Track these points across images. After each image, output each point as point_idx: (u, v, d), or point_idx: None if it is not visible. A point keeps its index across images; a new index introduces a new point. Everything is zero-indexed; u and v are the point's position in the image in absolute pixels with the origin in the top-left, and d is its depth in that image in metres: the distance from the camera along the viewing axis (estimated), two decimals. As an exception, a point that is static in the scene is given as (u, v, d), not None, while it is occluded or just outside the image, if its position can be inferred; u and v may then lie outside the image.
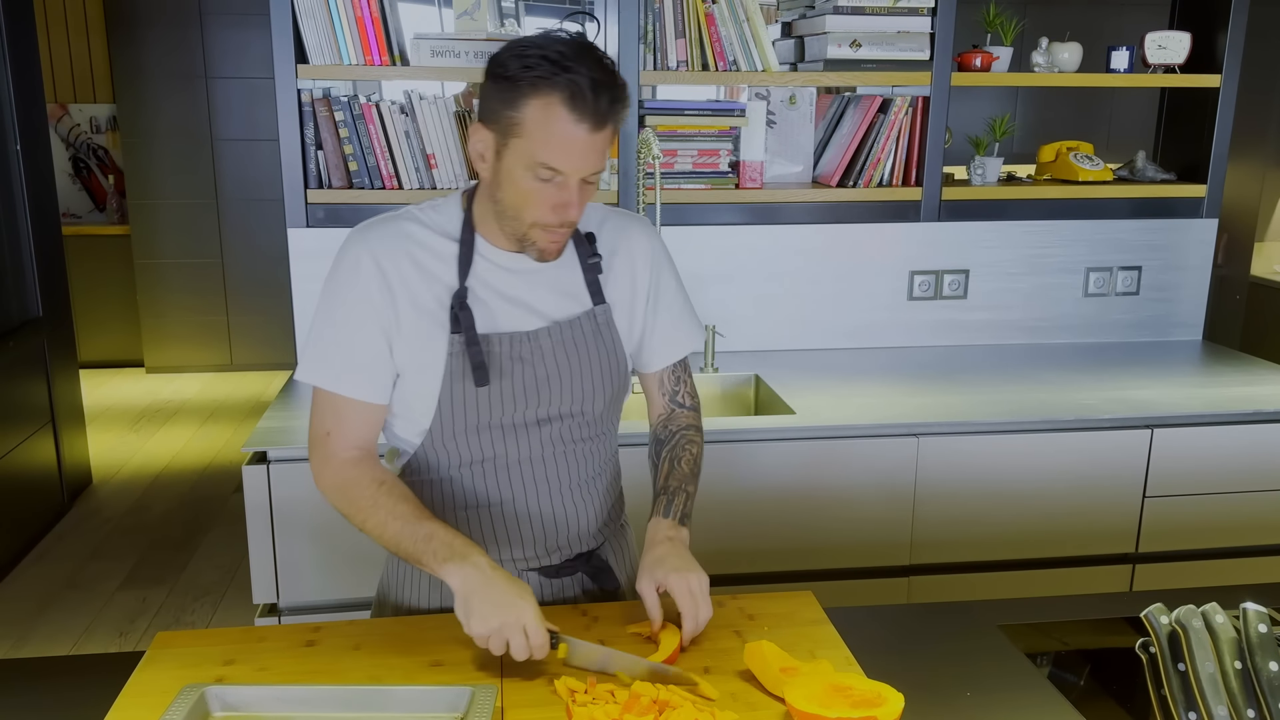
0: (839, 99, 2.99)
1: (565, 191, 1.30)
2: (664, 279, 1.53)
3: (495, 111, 1.28)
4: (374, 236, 1.39)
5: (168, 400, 5.66)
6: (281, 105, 2.59)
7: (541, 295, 1.42)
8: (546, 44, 1.25)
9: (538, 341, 1.40)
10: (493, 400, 1.39)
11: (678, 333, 1.55)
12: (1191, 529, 2.47)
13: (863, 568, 2.38)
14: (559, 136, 1.25)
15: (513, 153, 1.28)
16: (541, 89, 1.24)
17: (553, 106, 1.24)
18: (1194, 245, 3.04)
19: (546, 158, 1.27)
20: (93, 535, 3.98)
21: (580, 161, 1.28)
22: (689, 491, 1.47)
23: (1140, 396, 2.51)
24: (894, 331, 2.96)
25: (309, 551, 2.21)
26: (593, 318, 1.44)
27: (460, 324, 1.36)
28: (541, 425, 1.43)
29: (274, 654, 1.34)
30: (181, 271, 5.99)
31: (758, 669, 1.25)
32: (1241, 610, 0.91)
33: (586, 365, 1.44)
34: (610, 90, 1.26)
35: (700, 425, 1.59)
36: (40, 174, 4.05)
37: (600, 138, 1.28)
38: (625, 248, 1.49)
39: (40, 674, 1.42)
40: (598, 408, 1.47)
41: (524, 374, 1.40)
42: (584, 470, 1.49)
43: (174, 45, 5.68)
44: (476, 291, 1.39)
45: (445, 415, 1.39)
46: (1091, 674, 1.38)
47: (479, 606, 1.23)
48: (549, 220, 1.31)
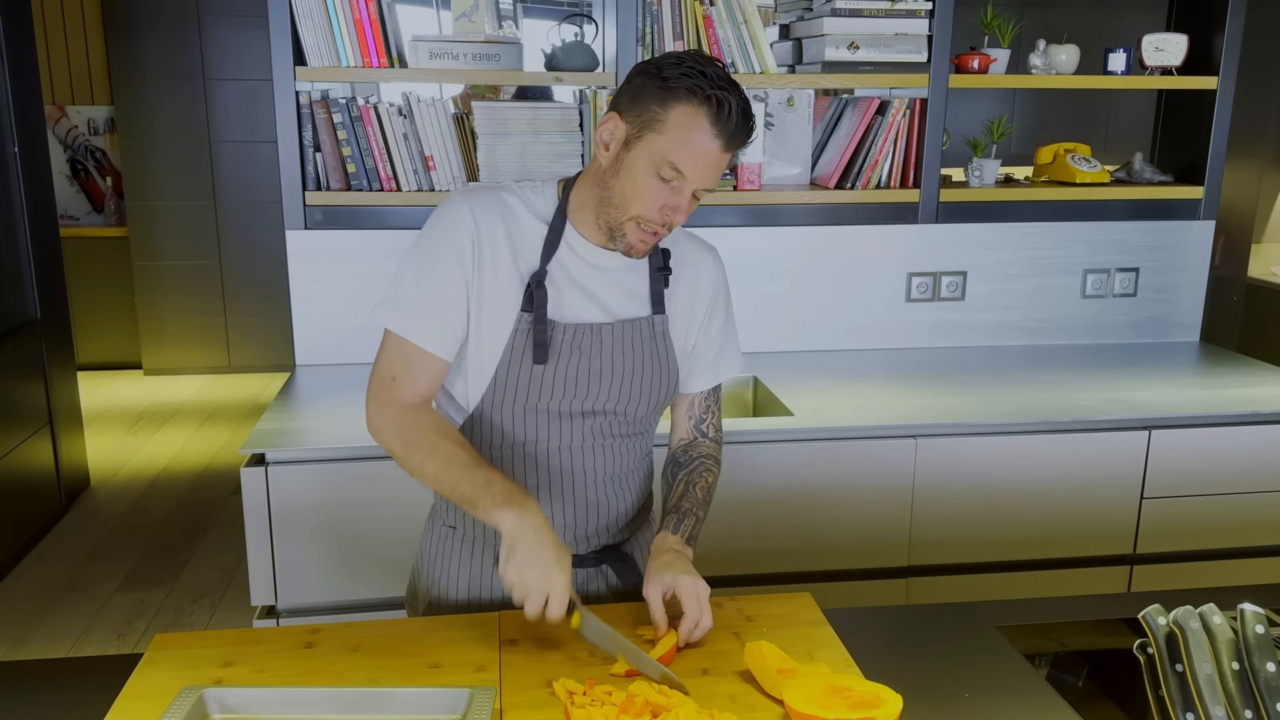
0: (837, 101, 2.99)
1: (678, 196, 1.36)
2: (719, 308, 1.58)
3: (642, 105, 1.34)
4: (478, 199, 1.45)
5: (166, 402, 5.66)
6: (280, 107, 2.58)
7: (611, 292, 1.47)
8: (705, 64, 1.33)
9: (598, 335, 1.45)
10: (544, 383, 1.44)
11: (719, 361, 1.60)
12: (1189, 530, 2.47)
13: (861, 569, 2.39)
14: (695, 145, 1.32)
15: (645, 146, 1.34)
16: (695, 97, 1.31)
17: (698, 116, 1.32)
18: (1192, 246, 3.05)
19: (677, 159, 1.33)
20: (91, 537, 3.98)
21: (704, 173, 1.35)
22: (699, 516, 1.50)
23: (1138, 398, 2.52)
24: (892, 333, 2.96)
25: (307, 553, 2.21)
26: (651, 324, 1.49)
27: (533, 302, 1.41)
28: (585, 417, 1.48)
29: (272, 656, 1.34)
30: (180, 273, 5.98)
31: (756, 670, 1.26)
32: (1239, 611, 0.91)
33: (637, 368, 1.49)
34: (747, 120, 1.34)
35: (719, 458, 1.62)
36: (38, 176, 4.04)
37: (726, 158, 1.35)
38: (693, 270, 1.55)
39: (39, 676, 1.42)
40: (641, 410, 1.52)
41: (578, 364, 1.45)
42: (619, 465, 1.54)
43: (172, 47, 5.68)
44: (553, 276, 1.44)
45: (499, 389, 1.45)
46: (1090, 675, 1.38)
47: (519, 556, 1.27)
48: (652, 218, 1.37)
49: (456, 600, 1.56)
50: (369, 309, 2.64)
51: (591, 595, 1.58)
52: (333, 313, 2.71)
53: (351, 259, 2.69)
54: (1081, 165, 3.03)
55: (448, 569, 1.57)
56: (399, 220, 2.68)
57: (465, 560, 1.56)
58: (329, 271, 2.70)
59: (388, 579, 2.23)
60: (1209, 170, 3.01)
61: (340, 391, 2.52)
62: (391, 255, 2.68)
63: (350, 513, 2.21)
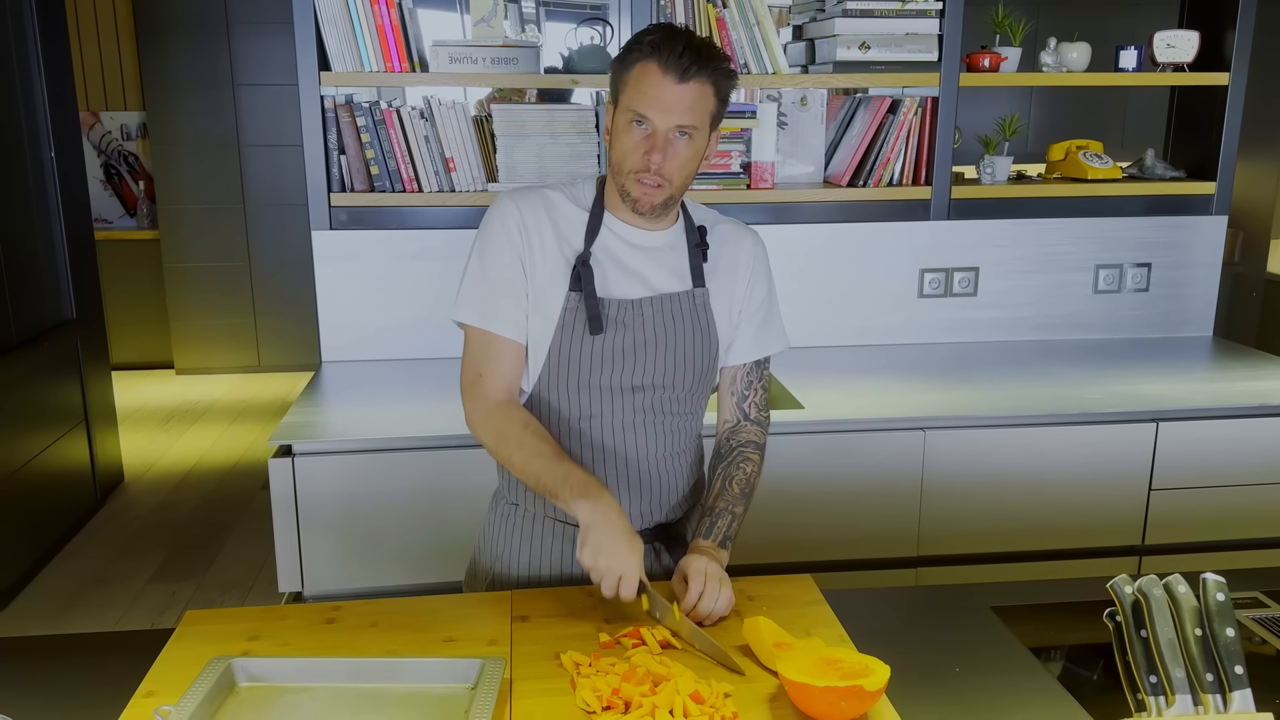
0: (850, 100, 3.04)
1: (654, 139, 1.47)
2: (759, 284, 1.67)
3: (613, 84, 1.51)
4: (522, 196, 1.59)
5: (197, 401, 5.78)
6: (305, 111, 2.67)
7: (653, 269, 1.58)
8: (660, 28, 1.48)
9: (640, 309, 1.56)
10: (593, 357, 1.55)
11: (761, 335, 1.67)
12: (1197, 522, 2.50)
13: (871, 559, 2.43)
14: (649, 86, 1.45)
15: (619, 110, 1.50)
16: (644, 55, 1.46)
17: (648, 66, 1.46)
18: (1204, 242, 3.07)
19: (637, 105, 1.46)
20: (124, 531, 4.09)
21: (666, 111, 1.45)
22: (735, 513, 1.56)
23: (1146, 391, 2.55)
24: (904, 329, 3.00)
25: (332, 542, 2.29)
26: (691, 297, 1.59)
27: (581, 281, 1.53)
28: (635, 392, 1.58)
29: (296, 631, 1.41)
30: (209, 275, 6.11)
31: (753, 643, 1.31)
32: (1201, 580, 0.96)
33: (679, 339, 1.58)
34: (694, 52, 1.44)
35: (762, 442, 1.68)
36: (73, 180, 4.16)
37: (684, 90, 1.45)
38: (732, 248, 1.65)
39: (77, 649, 1.50)
40: (686, 382, 1.61)
41: (624, 337, 1.55)
42: (672, 444, 1.63)
43: (202, 54, 5.81)
44: (597, 256, 1.56)
45: (552, 367, 1.56)
46: (1080, 652, 1.43)
47: (594, 541, 1.38)
48: (640, 165, 1.48)
49: (517, 576, 1.66)
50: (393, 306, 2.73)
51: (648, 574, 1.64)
52: (357, 310, 2.79)
53: (375, 258, 2.77)
54: (1093, 162, 3.06)
55: (510, 544, 1.67)
56: (421, 221, 2.76)
57: (526, 537, 1.65)
58: (353, 271, 2.78)
59: (411, 567, 2.31)
60: (1221, 166, 3.03)
61: (364, 386, 2.60)
62: (415, 255, 2.76)
63: (373, 503, 2.29)
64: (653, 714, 1.15)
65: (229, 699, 1.24)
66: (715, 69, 1.46)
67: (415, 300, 2.79)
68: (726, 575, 1.44)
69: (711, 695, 1.19)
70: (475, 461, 2.26)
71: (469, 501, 2.28)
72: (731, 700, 1.21)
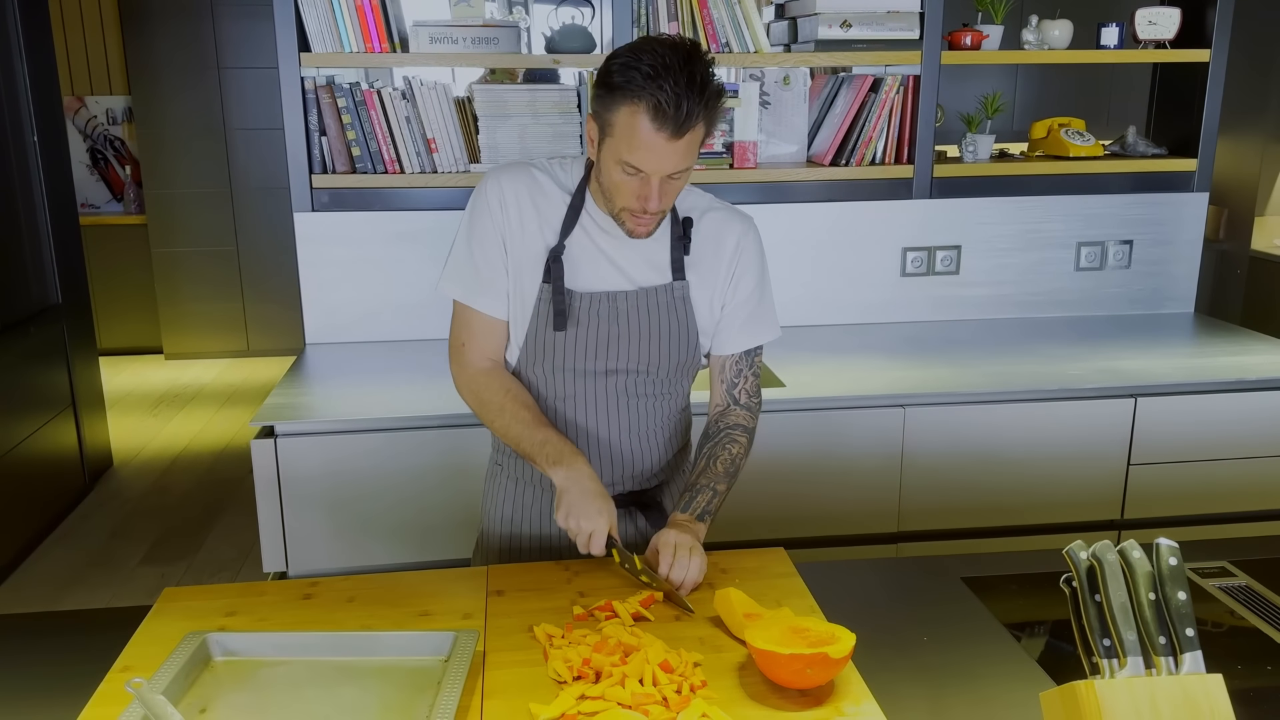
0: (833, 79, 3.04)
1: (647, 186, 1.44)
2: (746, 275, 1.64)
3: (597, 112, 1.45)
4: (508, 176, 1.58)
5: (186, 385, 5.78)
6: (285, 93, 2.66)
7: (634, 261, 1.58)
8: (642, 57, 1.37)
9: (615, 303, 1.56)
10: (567, 347, 1.57)
11: (750, 326, 1.65)
12: (1175, 495, 2.52)
13: (852, 535, 2.45)
14: (641, 142, 1.39)
15: (607, 148, 1.45)
16: (631, 98, 1.38)
17: (637, 115, 1.38)
18: (1186, 219, 3.08)
19: (630, 158, 1.42)
20: (114, 515, 4.10)
21: (659, 164, 1.42)
22: (717, 490, 1.58)
23: (1125, 367, 2.56)
24: (887, 308, 3.02)
25: (316, 521, 2.30)
26: (670, 291, 1.59)
27: (551, 274, 1.54)
28: (609, 375, 1.60)
29: (273, 606, 1.42)
30: (198, 260, 6.10)
31: (724, 614, 1.33)
32: (1155, 545, 0.97)
33: (656, 331, 1.59)
34: (692, 100, 1.37)
35: (751, 426, 1.68)
36: (57, 164, 4.15)
37: (680, 144, 1.40)
38: (717, 237, 1.62)
39: (57, 627, 1.52)
40: (664, 371, 1.62)
41: (598, 329, 1.57)
42: (648, 422, 1.65)
43: (187, 37, 5.78)
44: (576, 247, 1.56)
45: (528, 351, 1.59)
46: (1048, 621, 1.45)
47: (567, 503, 1.45)
48: (634, 207, 1.47)
49: (501, 532, 1.71)
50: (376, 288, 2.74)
51: (622, 536, 1.68)
52: (340, 292, 2.80)
53: (357, 240, 2.77)
54: (1075, 139, 3.07)
55: (496, 501, 1.72)
56: (403, 202, 2.76)
57: (509, 495, 1.71)
58: (336, 253, 2.78)
59: (394, 546, 2.32)
60: (1202, 143, 3.04)
61: (347, 368, 2.61)
62: (398, 236, 2.76)
63: (357, 483, 2.30)
64: (623, 683, 1.17)
65: (204, 673, 1.26)
66: (708, 105, 1.39)
67: (398, 281, 2.79)
68: (699, 545, 1.47)
69: (681, 664, 1.21)
70: (458, 441, 2.27)
71: (452, 480, 2.30)
72: (700, 670, 1.23)
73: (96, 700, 1.20)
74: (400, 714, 1.17)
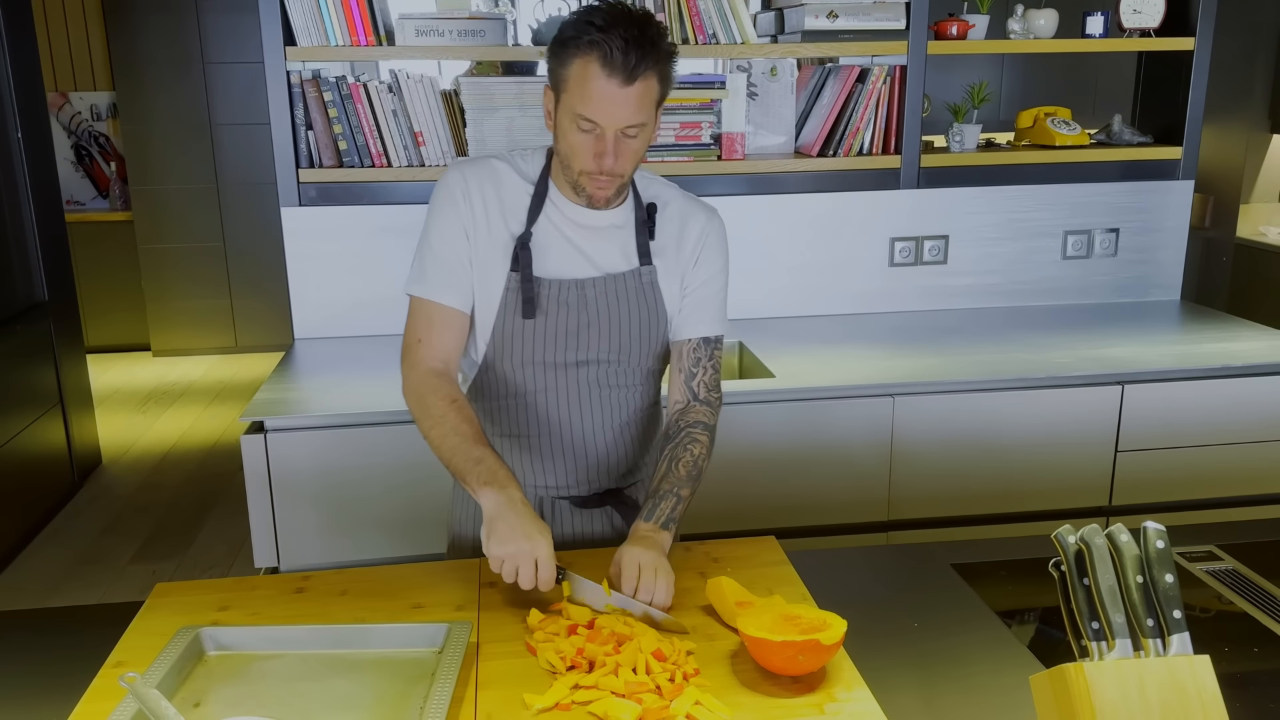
0: (820, 70, 3.04)
1: (603, 142, 1.43)
2: (708, 260, 1.62)
3: (552, 71, 1.45)
4: (470, 168, 1.57)
5: (174, 382, 5.76)
6: (271, 87, 2.65)
7: (600, 248, 1.56)
8: (595, 13, 1.39)
9: (583, 290, 1.55)
10: (537, 336, 1.55)
11: (706, 310, 1.63)
12: (1163, 482, 2.54)
13: (842, 524, 2.46)
14: (593, 91, 1.40)
15: (562, 107, 1.45)
16: (582, 49, 1.39)
17: (589, 64, 1.39)
18: (1171, 207, 3.10)
19: (583, 109, 1.41)
20: (104, 513, 4.09)
21: (612, 114, 1.41)
22: (680, 495, 1.51)
23: (1112, 354, 2.58)
24: (875, 298, 3.02)
25: (307, 517, 2.30)
26: (638, 276, 1.58)
27: (519, 262, 1.52)
28: (580, 366, 1.58)
29: (266, 601, 1.42)
30: (185, 256, 6.07)
31: (716, 603, 1.34)
32: (1142, 528, 0.98)
33: (626, 317, 1.57)
34: (641, 49, 1.38)
35: (711, 423, 1.62)
36: (42, 161, 4.12)
37: (631, 92, 1.40)
38: (682, 223, 1.61)
39: (50, 624, 1.51)
40: (634, 359, 1.60)
41: (568, 317, 1.55)
42: (620, 415, 1.63)
43: (171, 32, 5.75)
44: (542, 235, 1.55)
45: (497, 344, 1.56)
46: (1038, 607, 1.46)
47: (500, 530, 1.33)
48: (591, 168, 1.46)
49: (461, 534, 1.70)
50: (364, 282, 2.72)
51: (596, 536, 1.68)
52: (329, 287, 2.79)
53: (345, 234, 2.76)
54: (1061, 128, 3.08)
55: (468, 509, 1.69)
56: (390, 196, 2.75)
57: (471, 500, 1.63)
58: (324, 247, 2.77)
59: (385, 540, 2.32)
60: (1187, 131, 3.05)
61: (337, 362, 2.61)
62: (385, 230, 2.76)
63: (347, 477, 2.30)
64: (616, 672, 1.17)
65: (198, 667, 1.26)
66: (659, 59, 1.41)
67: (386, 275, 2.78)
68: (664, 561, 1.38)
69: (674, 653, 1.22)
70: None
71: (443, 473, 2.29)
72: (693, 658, 1.24)
73: (90, 696, 1.20)
74: (395, 705, 1.17)
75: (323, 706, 1.18)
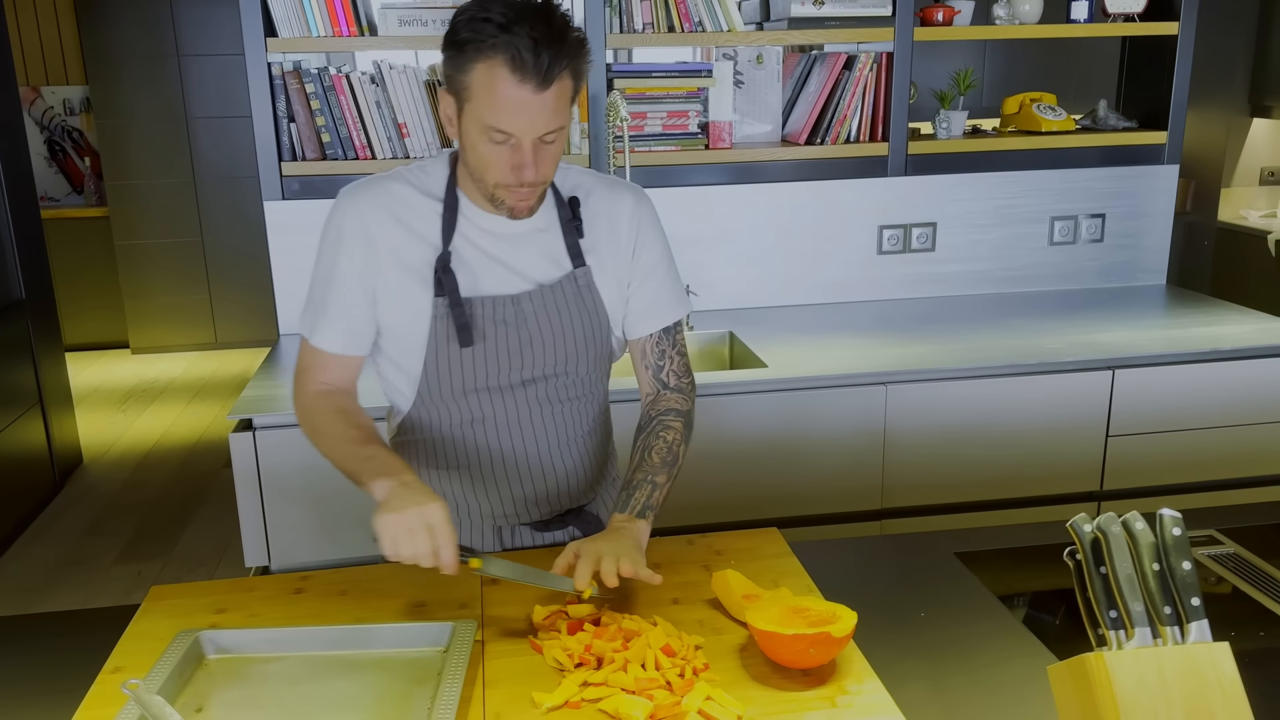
0: (806, 57, 3.03)
1: (519, 153, 1.30)
2: (647, 246, 1.51)
3: (450, 77, 1.30)
4: (360, 197, 1.43)
5: (154, 380, 5.70)
6: (252, 79, 2.61)
7: (526, 258, 1.44)
8: (491, 6, 1.24)
9: (520, 305, 1.43)
10: (476, 362, 1.43)
11: (659, 300, 1.52)
12: (1154, 466, 2.55)
13: (836, 513, 2.46)
14: (504, 99, 1.25)
15: (467, 117, 1.30)
16: (485, 53, 1.24)
17: (495, 69, 1.24)
18: (1157, 191, 3.11)
19: (495, 121, 1.27)
20: (86, 513, 4.04)
21: (529, 123, 1.27)
22: (655, 482, 1.43)
23: (1102, 339, 2.58)
24: (864, 286, 3.02)
25: (298, 514, 2.27)
26: (573, 280, 1.45)
27: (444, 287, 1.39)
28: (527, 385, 1.47)
29: (264, 602, 1.40)
30: (162, 252, 6.00)
31: (723, 597, 1.33)
32: (1158, 516, 0.98)
33: (569, 327, 1.46)
34: (553, 48, 1.24)
35: (685, 409, 1.54)
36: (16, 157, 4.05)
37: (548, 97, 1.26)
38: (609, 212, 1.48)
39: (42, 628, 1.48)
40: (582, 368, 1.50)
41: (507, 336, 1.43)
42: (572, 430, 1.53)
43: (144, 24, 5.66)
44: (461, 254, 1.41)
45: (431, 376, 1.44)
46: (1043, 595, 1.46)
47: (391, 507, 1.24)
48: (509, 181, 1.32)
49: None
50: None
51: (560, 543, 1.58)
52: (314, 281, 2.75)
53: (330, 228, 2.72)
54: (1047, 114, 3.08)
55: None
56: (376, 188, 2.71)
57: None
58: (308, 241, 2.70)
59: (377, 537, 2.29)
60: (1171, 115, 3.06)
61: (324, 358, 2.57)
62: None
63: (337, 474, 2.26)
64: (625, 668, 1.16)
65: (198, 671, 1.24)
66: (572, 54, 1.27)
67: (373, 269, 2.75)
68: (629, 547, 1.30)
69: (683, 648, 1.20)
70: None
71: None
72: (702, 652, 1.22)
73: (89, 702, 1.18)
74: (400, 706, 1.16)
75: (327, 708, 1.16)
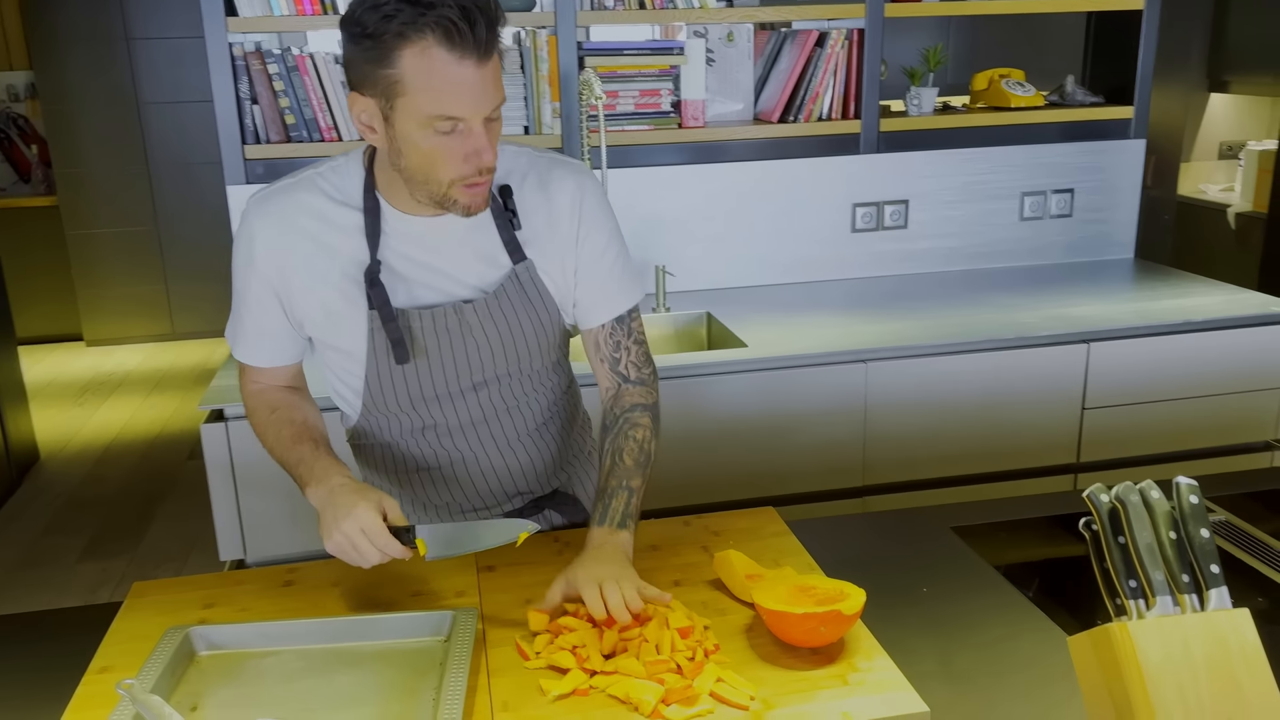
0: (776, 35, 3.01)
1: (471, 139, 1.20)
2: (592, 230, 1.39)
3: (368, 75, 1.18)
4: (270, 216, 1.33)
5: (111, 372, 5.57)
6: (213, 61, 2.54)
7: (461, 262, 1.34)
8: None
9: (463, 315, 1.34)
10: (421, 374, 1.36)
11: (608, 288, 1.42)
12: (1129, 437, 2.58)
13: (819, 491, 2.46)
14: (446, 81, 1.15)
15: (402, 114, 1.18)
16: (411, 36, 1.13)
17: (429, 51, 1.14)
18: (1124, 166, 3.13)
19: (439, 108, 1.16)
20: (45, 511, 3.93)
21: (475, 102, 1.17)
22: (631, 487, 1.34)
23: (1076, 313, 2.60)
24: (839, 264, 3.02)
25: (273, 506, 2.22)
26: (515, 279, 1.35)
27: (373, 302, 1.31)
28: (479, 389, 1.40)
29: (253, 596, 1.36)
30: (115, 241, 5.85)
31: (725, 577, 1.31)
32: (1174, 484, 0.98)
33: (518, 330, 1.37)
34: (485, 13, 1.15)
35: (650, 402, 1.44)
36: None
37: (490, 68, 1.17)
38: (548, 198, 1.37)
39: (16, 629, 1.43)
40: (534, 363, 1.43)
41: (452, 346, 1.35)
42: (530, 421, 1.48)
43: (91, 7, 5.49)
44: (391, 264, 1.31)
45: (375, 391, 1.38)
46: (1042, 566, 1.46)
47: (329, 517, 1.22)
48: (465, 173, 1.22)
49: None
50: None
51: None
52: (282, 267, 2.69)
53: (298, 212, 2.66)
54: (1015, 90, 3.09)
55: None
56: (344, 171, 2.65)
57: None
58: (275, 226, 2.67)
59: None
60: (1138, 89, 3.09)
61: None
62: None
63: (314, 463, 2.22)
64: (639, 650, 1.13)
65: (190, 669, 1.20)
66: (499, 18, 1.18)
67: (343, 254, 2.70)
68: (624, 568, 1.23)
69: (696, 630, 1.19)
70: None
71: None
72: (710, 633, 1.21)
73: (76, 704, 1.14)
74: (404, 697, 1.13)
75: (327, 703, 1.13)
